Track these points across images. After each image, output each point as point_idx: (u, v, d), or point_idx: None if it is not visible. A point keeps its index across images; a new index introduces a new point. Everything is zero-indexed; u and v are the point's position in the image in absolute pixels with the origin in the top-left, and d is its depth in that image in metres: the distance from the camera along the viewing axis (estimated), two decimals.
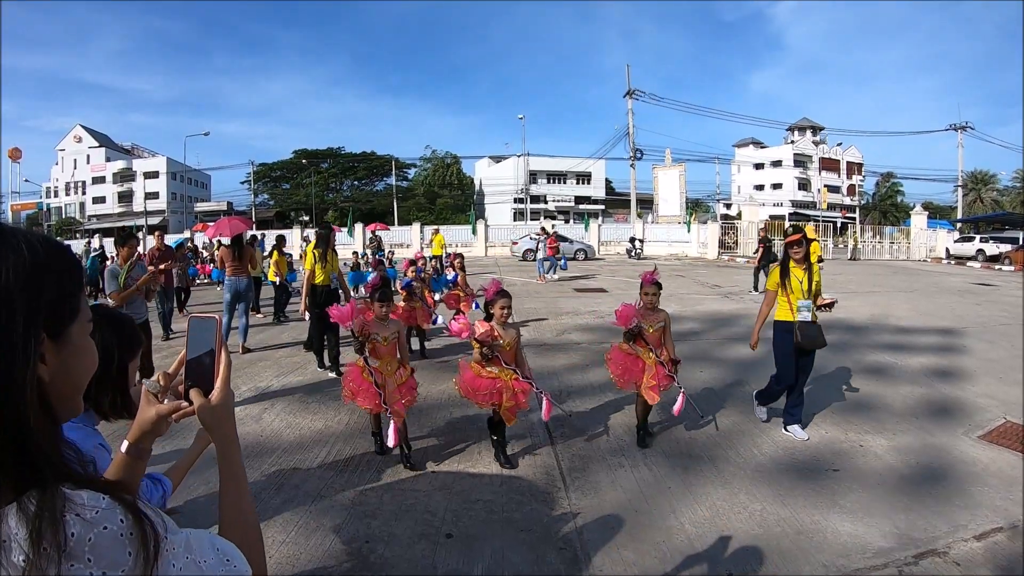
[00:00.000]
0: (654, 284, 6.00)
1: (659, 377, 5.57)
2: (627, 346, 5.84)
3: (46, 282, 0.91)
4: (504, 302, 5.26)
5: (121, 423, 1.95)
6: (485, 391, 5.16)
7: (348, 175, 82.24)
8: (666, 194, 44.05)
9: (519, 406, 5.23)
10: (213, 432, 1.22)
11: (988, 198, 70.13)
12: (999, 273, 27.33)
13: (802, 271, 6.19)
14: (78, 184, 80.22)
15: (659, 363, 5.63)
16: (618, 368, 5.81)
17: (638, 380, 5.68)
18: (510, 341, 5.31)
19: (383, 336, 5.35)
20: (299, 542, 3.99)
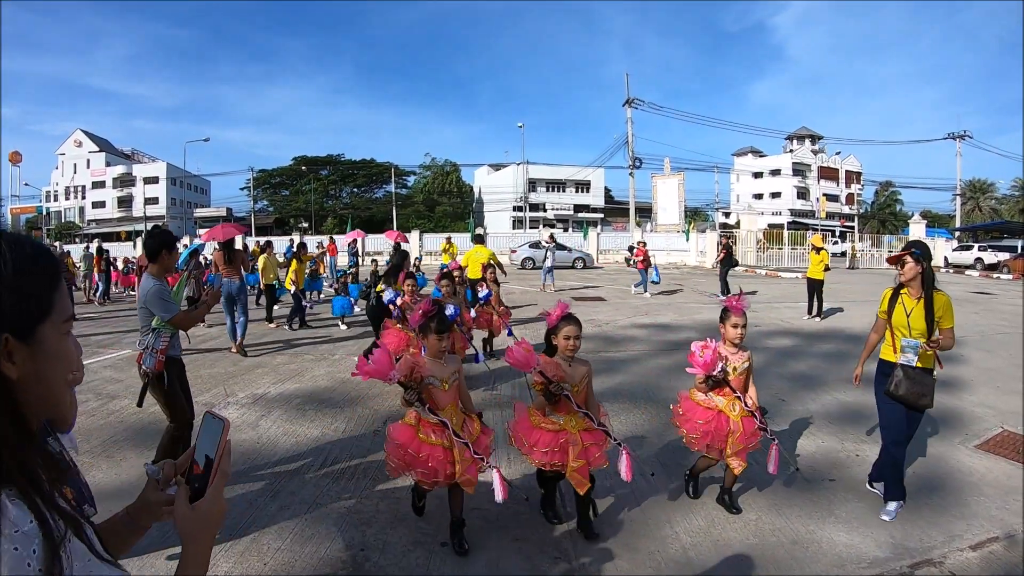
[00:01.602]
0: (743, 314, 4.76)
1: (747, 436, 4.45)
2: (704, 397, 4.59)
3: (4, 280, 0.92)
4: (571, 330, 4.11)
5: None
6: (546, 447, 4.05)
7: (347, 182, 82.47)
8: (665, 203, 44.14)
9: (592, 464, 4.10)
10: (186, 543, 1.14)
11: (986, 207, 70.32)
12: (997, 282, 27.36)
13: (913, 300, 4.91)
14: (78, 188, 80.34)
15: (747, 415, 4.47)
16: (695, 428, 4.56)
17: (722, 444, 4.47)
18: (580, 381, 4.14)
19: (442, 379, 4.01)
20: (294, 549, 3.99)
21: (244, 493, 4.87)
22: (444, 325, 4.10)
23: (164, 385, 4.71)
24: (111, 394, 7.85)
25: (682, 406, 4.75)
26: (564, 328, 4.11)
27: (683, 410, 4.72)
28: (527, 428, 4.21)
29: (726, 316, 4.77)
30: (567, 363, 4.12)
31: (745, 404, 4.48)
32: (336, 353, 10.35)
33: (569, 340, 4.09)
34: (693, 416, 4.60)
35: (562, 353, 4.13)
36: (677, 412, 4.78)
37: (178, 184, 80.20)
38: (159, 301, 4.73)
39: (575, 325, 4.14)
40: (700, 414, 4.57)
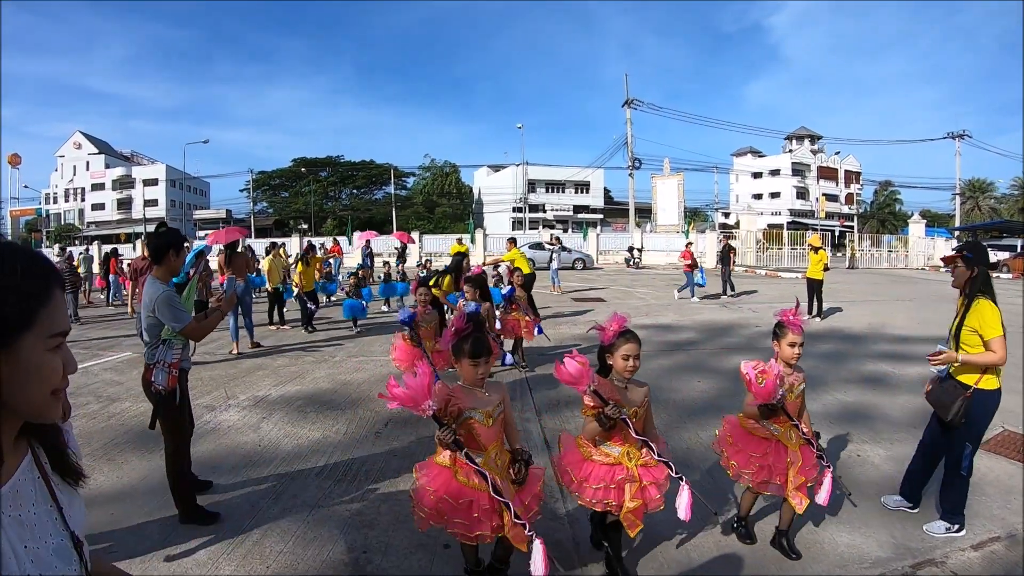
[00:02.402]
0: (802, 331, 4.26)
1: (808, 467, 3.92)
2: (756, 424, 4.04)
3: None
4: (631, 348, 3.54)
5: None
6: (599, 482, 3.51)
7: (347, 183, 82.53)
8: (664, 203, 44.14)
9: (648, 506, 3.52)
10: None
11: (986, 206, 70.39)
12: (997, 281, 27.14)
13: (960, 302, 4.81)
14: (77, 191, 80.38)
15: (804, 443, 3.97)
16: (749, 461, 4.00)
17: (782, 478, 3.93)
18: (640, 405, 3.62)
19: (485, 412, 3.32)
20: (296, 552, 3.99)
21: (246, 495, 4.87)
22: (480, 347, 3.32)
23: (175, 402, 4.36)
24: (112, 397, 7.85)
25: (730, 434, 4.16)
26: (623, 346, 3.53)
27: (732, 439, 4.13)
28: (577, 461, 3.66)
29: (782, 333, 4.19)
30: (623, 385, 3.60)
31: (802, 431, 3.97)
32: (337, 355, 10.35)
33: (628, 360, 3.51)
34: (746, 447, 4.04)
35: (619, 375, 3.58)
36: (725, 440, 4.18)
37: (177, 186, 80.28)
38: (169, 309, 4.28)
39: (635, 343, 3.57)
40: (754, 445, 4.02)
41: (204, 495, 4.78)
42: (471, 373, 3.33)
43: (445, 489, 3.24)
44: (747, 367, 3.87)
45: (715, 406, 7.23)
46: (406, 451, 5.82)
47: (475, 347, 3.32)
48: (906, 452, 5.80)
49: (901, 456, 5.69)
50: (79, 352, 10.81)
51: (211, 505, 4.59)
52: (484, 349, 3.33)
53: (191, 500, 4.44)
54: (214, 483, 5.06)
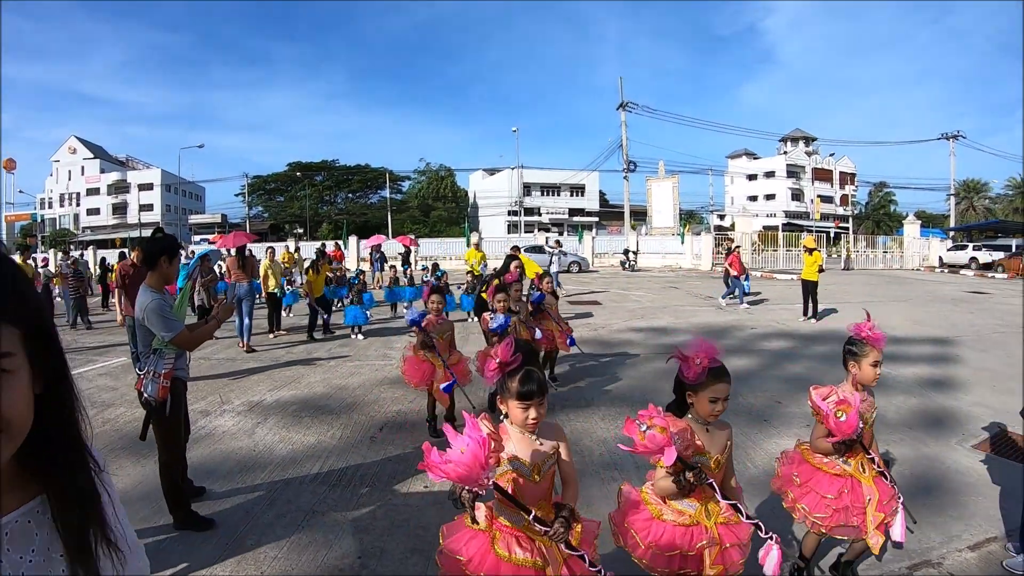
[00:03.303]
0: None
1: (886, 503, 3.40)
2: (825, 459, 3.52)
3: None
4: (721, 390, 2.85)
5: None
6: (673, 547, 2.91)
7: (342, 188, 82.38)
8: (660, 206, 44.22)
9: (728, 570, 2.93)
10: None
11: (981, 206, 70.53)
12: (992, 281, 27.44)
13: None
14: (72, 195, 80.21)
15: (877, 475, 3.45)
16: (823, 504, 3.45)
17: (860, 517, 3.40)
18: (721, 452, 2.97)
19: (534, 465, 2.62)
20: (291, 558, 3.97)
21: (240, 501, 4.85)
22: (533, 386, 2.55)
23: (166, 414, 4.24)
24: (106, 402, 7.82)
25: (797, 472, 3.61)
26: (713, 386, 2.84)
27: (801, 479, 3.57)
28: (644, 520, 3.04)
29: (862, 351, 3.59)
30: (704, 427, 2.95)
31: (876, 463, 3.46)
32: (332, 360, 10.32)
33: (716, 404, 2.85)
34: (818, 487, 3.50)
35: (701, 417, 2.92)
36: (790, 480, 3.63)
37: (173, 191, 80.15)
38: (158, 318, 4.19)
39: (727, 382, 2.88)
40: (827, 484, 3.48)
41: (198, 501, 4.76)
42: (520, 417, 2.60)
43: (481, 563, 2.58)
44: (819, 397, 3.34)
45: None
46: (401, 456, 5.81)
47: (526, 385, 2.57)
48: (902, 453, 5.82)
49: (897, 457, 5.70)
50: (73, 357, 10.78)
51: (205, 511, 4.57)
52: (538, 387, 2.58)
53: (186, 507, 4.41)
54: (208, 489, 5.04)
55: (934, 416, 6.97)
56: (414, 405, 7.41)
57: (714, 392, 2.85)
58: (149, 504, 4.70)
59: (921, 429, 6.53)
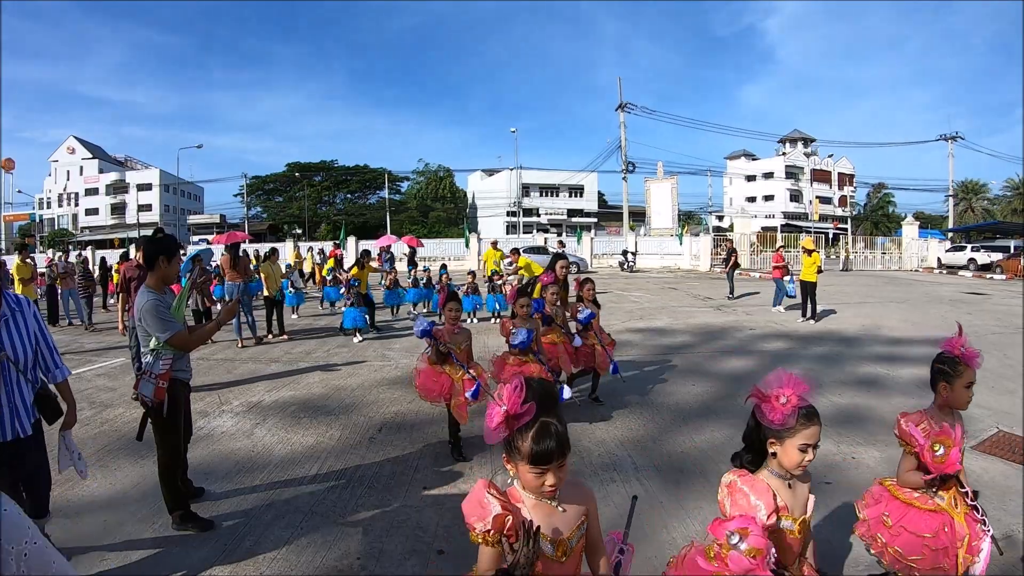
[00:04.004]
0: None
1: (975, 543, 3.01)
2: (916, 493, 3.11)
3: None
4: (813, 434, 2.39)
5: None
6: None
7: (341, 188, 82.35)
8: (658, 207, 44.21)
9: None
10: None
11: (979, 207, 70.56)
12: (991, 282, 27.46)
13: None
14: (71, 195, 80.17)
15: (968, 509, 3.03)
16: (918, 546, 3.05)
17: (953, 559, 3.00)
18: (804, 509, 2.53)
19: (558, 540, 2.07)
20: (290, 559, 3.97)
21: (239, 502, 4.85)
22: (550, 444, 1.89)
23: (164, 415, 4.21)
24: (105, 403, 7.81)
25: (887, 511, 3.19)
26: (804, 431, 2.37)
27: (892, 518, 3.14)
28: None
29: (955, 370, 3.15)
30: (787, 482, 2.47)
31: (969, 497, 3.03)
32: (331, 360, 10.32)
33: (807, 452, 2.37)
34: (913, 526, 3.06)
35: (786, 469, 2.43)
36: (880, 523, 3.20)
37: (171, 191, 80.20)
38: (154, 319, 4.17)
39: (819, 424, 2.41)
40: (921, 523, 3.04)
41: (197, 502, 4.75)
42: (534, 484, 1.98)
43: None
44: (911, 426, 3.05)
45: (710, 410, 7.24)
46: (400, 457, 5.80)
47: (541, 444, 1.89)
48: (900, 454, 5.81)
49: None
50: (73, 357, 10.78)
51: (204, 512, 4.57)
52: (558, 446, 1.90)
53: (184, 507, 4.41)
54: (207, 490, 5.04)
55: None
56: (413, 406, 7.42)
57: (806, 438, 2.37)
58: (148, 505, 4.71)
59: None
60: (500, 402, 1.93)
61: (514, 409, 1.89)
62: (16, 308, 3.53)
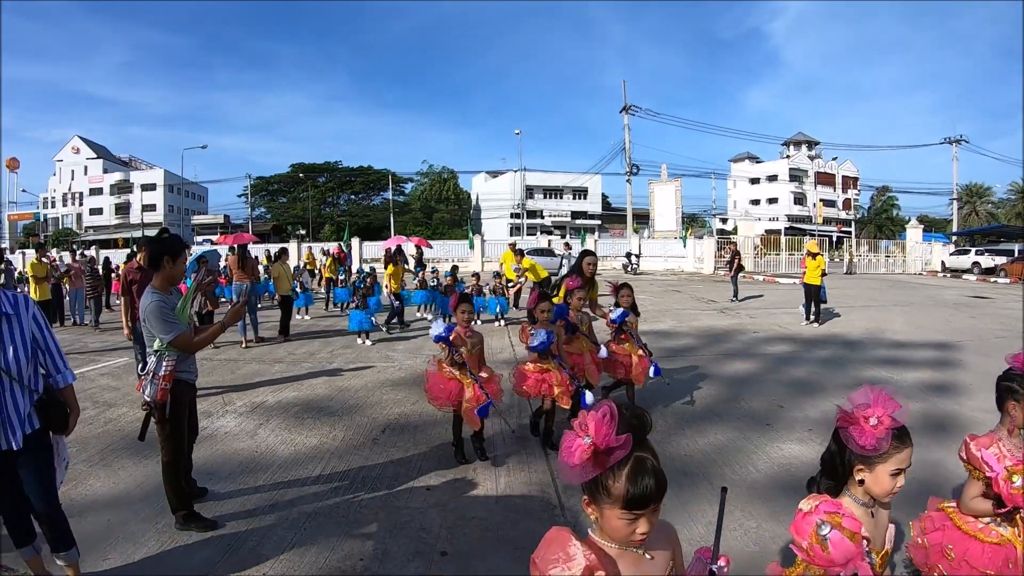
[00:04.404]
0: None
1: None
2: (979, 524, 2.81)
3: None
4: (904, 457, 2.20)
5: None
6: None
7: (345, 189, 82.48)
8: (662, 209, 44.18)
9: None
10: None
11: (983, 211, 70.37)
12: (995, 286, 27.41)
13: None
14: (75, 195, 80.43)
15: None
16: None
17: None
18: (885, 542, 2.37)
19: (653, 573, 1.75)
20: (293, 559, 3.97)
21: (242, 502, 4.85)
22: (649, 483, 1.58)
23: (165, 415, 4.19)
24: (108, 402, 7.83)
25: (949, 543, 2.91)
26: (897, 455, 2.17)
27: (955, 550, 2.87)
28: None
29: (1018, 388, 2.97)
30: (868, 511, 2.25)
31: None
32: (335, 362, 10.34)
33: (898, 477, 2.18)
34: (975, 559, 2.79)
35: (877, 496, 2.23)
36: (942, 553, 2.92)
37: (176, 191, 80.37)
38: (157, 320, 4.14)
39: (911, 446, 2.22)
40: (985, 558, 2.77)
41: (200, 502, 4.76)
42: (623, 533, 1.63)
43: None
44: (983, 451, 2.79)
45: (713, 412, 7.23)
46: (403, 458, 5.80)
47: (639, 484, 1.57)
48: None
49: None
50: (77, 357, 10.81)
51: (208, 512, 4.58)
52: (658, 486, 1.59)
53: (188, 507, 4.42)
54: (210, 490, 5.04)
55: (936, 421, 6.96)
56: (416, 407, 7.42)
57: (899, 462, 2.16)
58: (151, 504, 4.72)
59: (923, 434, 6.51)
60: (582, 431, 1.59)
61: (606, 443, 1.56)
62: (12, 312, 3.27)
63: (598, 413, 1.59)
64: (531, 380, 5.92)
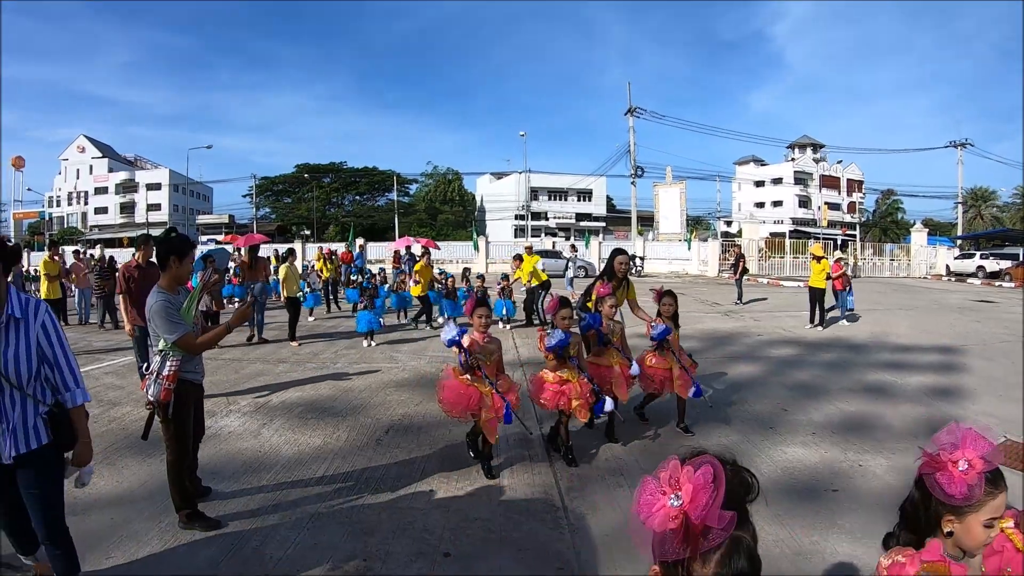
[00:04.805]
0: None
1: None
2: None
3: None
4: (999, 504, 1.94)
5: None
6: None
7: (350, 190, 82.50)
8: (667, 211, 44.23)
9: None
10: None
11: (988, 215, 70.24)
12: (999, 290, 27.33)
13: None
14: (80, 194, 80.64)
15: None
16: None
17: None
18: None
19: None
20: (296, 559, 3.98)
21: (246, 502, 4.86)
22: (742, 567, 1.22)
23: (169, 415, 4.16)
24: (112, 401, 7.85)
25: (1011, 565, 2.37)
26: (991, 502, 1.90)
27: (1013, 572, 2.43)
28: None
29: None
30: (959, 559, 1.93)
31: None
32: (339, 362, 10.35)
33: (992, 528, 1.91)
34: None
35: (967, 549, 1.94)
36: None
37: (180, 191, 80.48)
38: (162, 320, 4.12)
39: (1006, 490, 1.97)
40: None
41: (204, 501, 4.76)
42: None
43: None
44: None
45: (716, 415, 7.22)
46: (407, 459, 5.81)
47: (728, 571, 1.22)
48: (908, 462, 5.78)
49: (902, 467, 5.68)
50: (81, 356, 10.84)
51: (211, 511, 4.58)
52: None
53: (191, 506, 4.42)
54: (214, 489, 5.05)
55: (940, 425, 6.85)
56: (420, 409, 7.43)
57: (993, 510, 1.88)
58: (155, 503, 4.73)
59: (927, 438, 6.47)
60: (670, 487, 1.27)
61: (702, 518, 1.21)
62: (20, 317, 3.07)
63: (699, 473, 1.24)
64: (548, 392, 5.58)
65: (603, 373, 6.09)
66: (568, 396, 5.53)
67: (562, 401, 5.55)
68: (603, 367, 6.16)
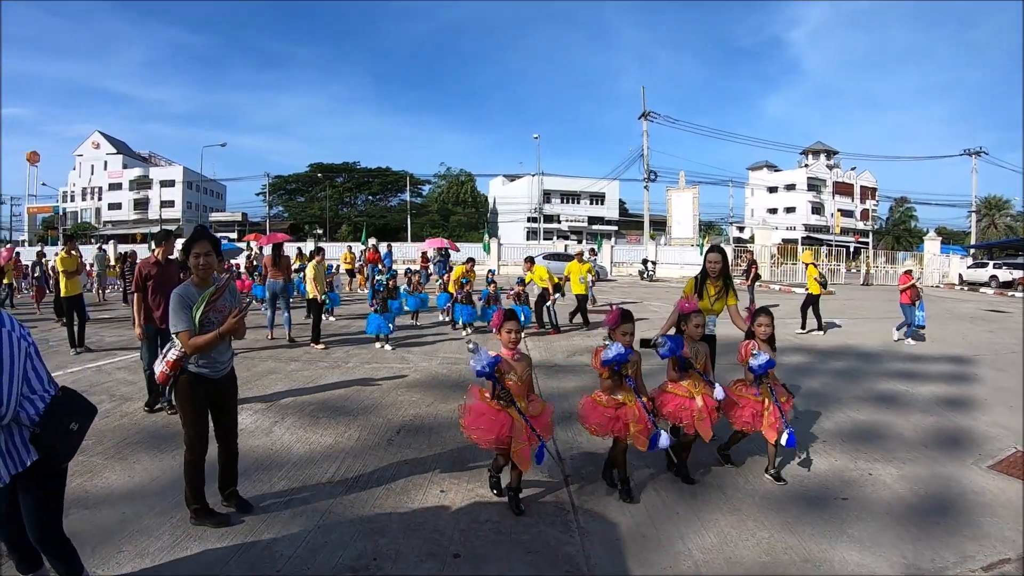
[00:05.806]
0: None
1: None
2: None
3: None
4: None
5: None
6: None
7: (363, 190, 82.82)
8: (679, 216, 44.17)
9: None
10: None
11: (1002, 223, 69.89)
12: (1012, 300, 27.17)
13: None
14: (95, 190, 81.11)
15: None
16: None
17: None
18: None
19: None
20: (306, 557, 4.00)
21: (256, 499, 4.88)
22: None
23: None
24: (125, 396, 7.90)
25: None
26: None
27: None
28: None
29: None
30: None
31: None
32: (350, 361, 10.38)
33: None
34: None
35: None
36: None
37: (194, 188, 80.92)
38: (171, 310, 4.20)
39: None
40: None
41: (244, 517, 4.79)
42: None
43: None
44: None
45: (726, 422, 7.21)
46: (418, 459, 5.82)
47: None
48: (918, 471, 5.79)
49: (912, 476, 5.67)
50: (92, 352, 10.91)
51: (221, 508, 4.62)
52: None
53: (202, 502, 4.45)
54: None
55: (950, 435, 6.92)
56: (431, 410, 7.45)
57: None
58: (166, 498, 4.77)
59: (937, 448, 6.49)
60: None
61: None
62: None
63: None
64: (602, 417, 4.97)
65: (683, 405, 5.30)
66: (624, 421, 4.90)
67: (617, 427, 4.92)
68: (681, 397, 5.35)
